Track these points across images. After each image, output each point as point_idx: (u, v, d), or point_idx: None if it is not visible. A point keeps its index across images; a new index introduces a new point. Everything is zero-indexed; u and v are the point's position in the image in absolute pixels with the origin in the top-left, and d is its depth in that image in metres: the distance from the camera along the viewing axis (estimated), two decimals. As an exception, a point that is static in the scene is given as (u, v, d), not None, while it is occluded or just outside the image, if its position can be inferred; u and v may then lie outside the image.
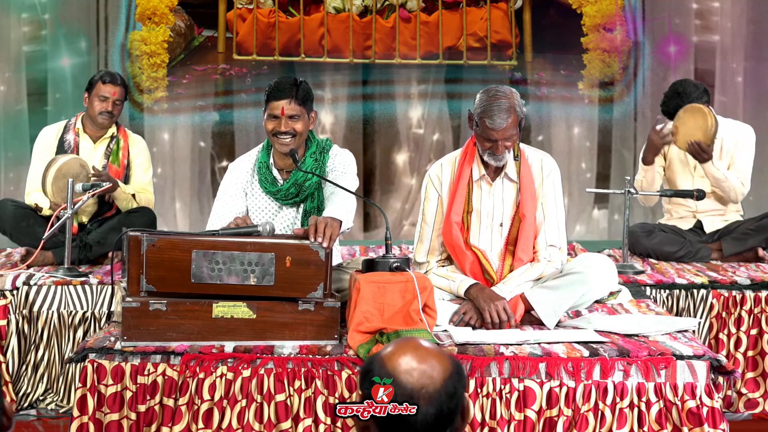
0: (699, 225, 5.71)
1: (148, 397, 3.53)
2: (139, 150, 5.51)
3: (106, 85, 5.35)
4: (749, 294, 4.84)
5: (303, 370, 3.52)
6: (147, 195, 5.49)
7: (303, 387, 3.51)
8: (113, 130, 5.44)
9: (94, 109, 5.35)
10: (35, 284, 4.72)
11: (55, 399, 4.73)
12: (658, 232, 5.62)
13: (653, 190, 5.57)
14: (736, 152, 5.63)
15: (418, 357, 1.96)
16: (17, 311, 4.69)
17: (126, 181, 5.42)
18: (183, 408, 3.51)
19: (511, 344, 3.66)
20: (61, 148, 5.37)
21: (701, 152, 5.45)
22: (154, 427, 3.52)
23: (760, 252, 5.54)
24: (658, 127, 5.54)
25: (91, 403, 3.52)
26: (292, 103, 4.10)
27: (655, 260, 5.55)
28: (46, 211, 5.17)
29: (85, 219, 5.33)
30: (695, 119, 5.46)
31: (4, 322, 4.67)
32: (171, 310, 3.58)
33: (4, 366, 4.65)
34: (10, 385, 4.63)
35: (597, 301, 4.30)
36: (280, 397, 3.50)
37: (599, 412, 3.51)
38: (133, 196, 5.36)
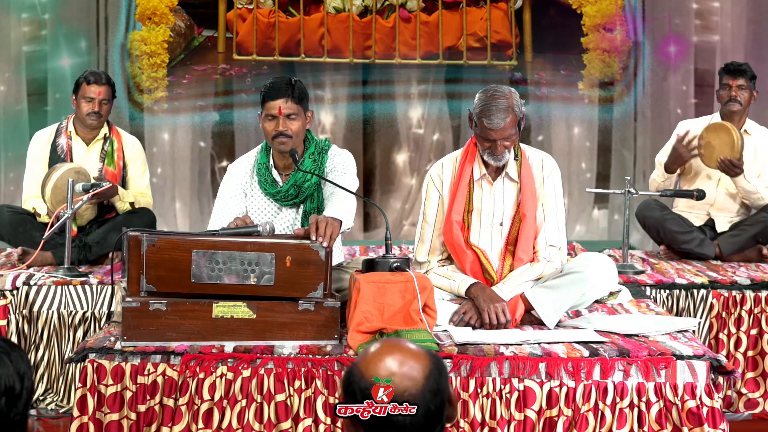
0: (709, 223, 5.72)
1: (148, 397, 3.53)
2: (135, 152, 5.49)
3: (90, 86, 5.33)
4: (749, 294, 4.84)
5: (303, 370, 3.52)
6: (146, 199, 5.48)
7: (303, 387, 3.51)
8: (105, 130, 5.43)
9: (81, 110, 5.34)
10: (35, 284, 4.72)
11: (55, 399, 4.73)
12: (670, 211, 5.68)
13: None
14: (766, 161, 5.69)
15: (397, 361, 1.94)
16: (17, 311, 4.69)
17: (123, 182, 5.41)
18: (183, 408, 3.51)
19: (511, 344, 3.66)
20: (54, 153, 5.36)
21: (733, 167, 5.56)
22: (154, 427, 3.52)
23: (765, 251, 5.56)
24: (685, 140, 5.57)
25: (91, 403, 3.52)
26: (289, 102, 4.10)
27: (656, 257, 5.59)
28: (44, 218, 5.16)
29: (83, 222, 5.31)
30: (720, 137, 5.55)
31: (4, 322, 4.67)
32: (171, 310, 3.58)
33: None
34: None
35: (597, 301, 4.30)
36: (280, 397, 3.50)
37: (599, 412, 3.51)
38: (132, 204, 5.34)
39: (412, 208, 7.83)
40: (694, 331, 4.10)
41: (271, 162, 4.24)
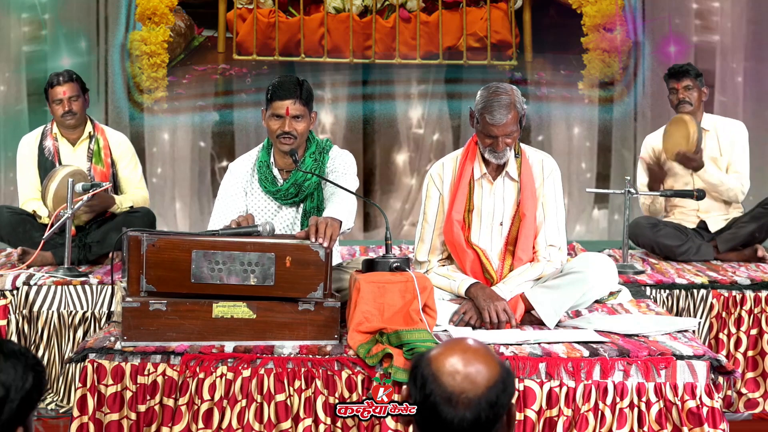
0: (703, 225, 5.72)
1: (148, 397, 3.53)
2: (123, 149, 5.49)
3: (55, 88, 5.34)
4: (749, 294, 4.84)
5: (303, 370, 3.52)
6: (141, 193, 5.48)
7: (303, 387, 3.51)
8: (89, 128, 5.43)
9: (56, 114, 5.36)
10: (35, 284, 4.72)
11: (55, 399, 4.73)
12: (663, 226, 5.64)
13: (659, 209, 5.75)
14: (733, 152, 5.68)
15: (465, 360, 1.92)
16: (17, 311, 4.69)
17: (114, 179, 5.41)
18: (183, 408, 3.51)
19: (511, 344, 3.66)
20: (42, 156, 5.37)
21: (689, 161, 5.56)
22: (154, 427, 3.52)
23: (760, 252, 5.55)
24: (647, 156, 5.69)
25: (91, 403, 3.52)
26: (297, 104, 4.10)
27: (656, 257, 5.58)
28: (45, 219, 5.16)
29: (81, 222, 5.31)
30: (678, 130, 5.56)
31: (4, 322, 4.67)
32: (171, 310, 3.58)
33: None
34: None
35: (597, 301, 4.30)
36: (280, 397, 3.50)
37: (599, 412, 3.51)
38: (131, 207, 5.34)
39: (412, 208, 7.83)
40: (694, 331, 4.10)
41: (272, 160, 4.24)
